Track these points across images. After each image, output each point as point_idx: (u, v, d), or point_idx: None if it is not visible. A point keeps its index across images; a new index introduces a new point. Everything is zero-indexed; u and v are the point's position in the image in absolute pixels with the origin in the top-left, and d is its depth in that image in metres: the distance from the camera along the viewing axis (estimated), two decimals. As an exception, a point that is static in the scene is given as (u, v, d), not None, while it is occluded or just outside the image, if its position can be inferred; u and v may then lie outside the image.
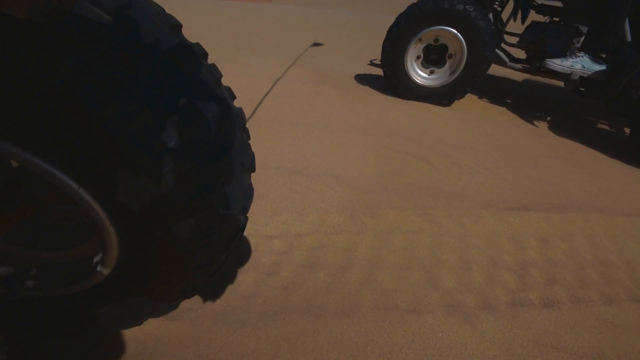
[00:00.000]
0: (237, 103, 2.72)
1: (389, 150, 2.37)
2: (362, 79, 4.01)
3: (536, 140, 2.92)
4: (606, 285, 1.44)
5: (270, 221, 1.57)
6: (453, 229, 1.65)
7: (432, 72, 3.22)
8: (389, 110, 3.11)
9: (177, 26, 0.63)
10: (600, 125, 3.45)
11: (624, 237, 1.75)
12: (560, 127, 3.23)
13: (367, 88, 3.68)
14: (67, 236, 0.86)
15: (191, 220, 0.63)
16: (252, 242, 1.44)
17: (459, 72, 3.05)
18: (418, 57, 3.20)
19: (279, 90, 3.24)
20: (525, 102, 3.84)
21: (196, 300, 1.16)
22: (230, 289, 1.22)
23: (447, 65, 3.15)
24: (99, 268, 0.70)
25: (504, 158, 2.48)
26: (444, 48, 3.11)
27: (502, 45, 3.39)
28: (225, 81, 3.02)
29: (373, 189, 1.90)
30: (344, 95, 3.35)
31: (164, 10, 0.65)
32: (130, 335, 1.03)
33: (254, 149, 2.13)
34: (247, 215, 0.92)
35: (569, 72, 2.86)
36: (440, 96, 3.20)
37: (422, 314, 1.21)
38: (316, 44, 5.34)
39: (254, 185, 1.79)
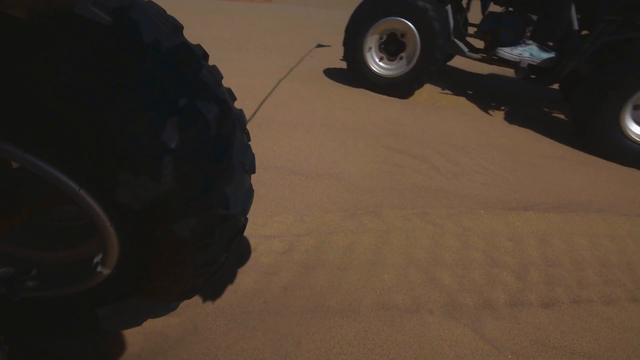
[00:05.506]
0: (237, 104, 2.72)
1: (388, 150, 2.37)
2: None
3: (535, 140, 2.92)
4: (605, 285, 1.44)
5: (270, 221, 1.57)
6: (453, 229, 1.65)
7: (390, 63, 3.33)
8: (389, 110, 3.11)
9: (178, 28, 0.63)
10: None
11: (624, 237, 1.76)
12: (560, 126, 3.23)
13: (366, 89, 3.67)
14: (68, 237, 0.86)
15: (191, 221, 0.63)
16: (252, 242, 1.44)
17: (414, 62, 3.15)
18: (377, 49, 3.33)
19: (279, 90, 3.24)
20: (524, 102, 3.84)
21: (197, 299, 1.17)
22: (230, 288, 1.22)
23: (404, 55, 3.25)
24: (99, 268, 0.70)
25: (503, 158, 2.48)
26: (400, 39, 3.22)
27: (463, 35, 3.49)
28: (225, 82, 3.01)
29: (373, 189, 1.90)
30: (343, 95, 3.35)
31: (165, 11, 0.65)
32: (131, 334, 1.03)
33: (254, 149, 2.13)
34: (247, 215, 0.92)
35: (518, 60, 2.99)
36: (399, 86, 3.29)
37: (421, 313, 1.22)
38: (320, 46, 5.35)
39: (254, 186, 1.79)
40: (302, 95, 3.18)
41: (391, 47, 3.27)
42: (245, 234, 1.49)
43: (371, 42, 3.28)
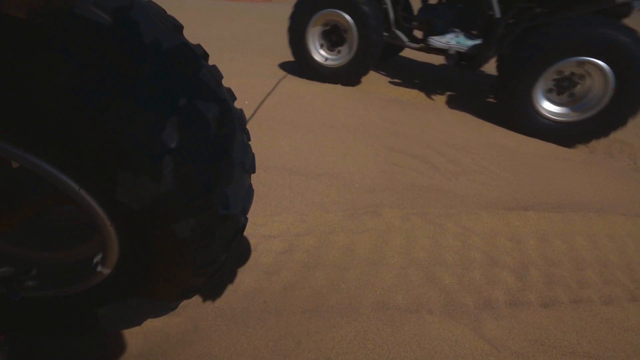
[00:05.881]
0: (237, 104, 2.72)
1: (388, 149, 2.37)
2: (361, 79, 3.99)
3: (535, 139, 2.92)
4: (605, 285, 1.44)
5: (270, 221, 1.57)
6: (453, 229, 1.65)
7: (332, 53, 3.53)
8: (388, 110, 3.11)
9: (178, 28, 0.63)
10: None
11: (624, 237, 1.76)
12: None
13: (366, 88, 3.68)
14: (68, 236, 0.86)
15: (191, 221, 0.63)
16: (252, 242, 1.44)
17: (353, 53, 3.33)
18: (320, 38, 3.51)
19: (279, 90, 3.24)
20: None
21: (197, 299, 1.17)
22: (230, 288, 1.22)
23: (345, 46, 3.43)
24: (99, 268, 0.70)
25: (503, 158, 2.48)
26: (340, 30, 3.40)
27: (404, 26, 3.65)
28: (225, 82, 3.02)
29: (372, 189, 1.90)
30: (343, 95, 3.36)
31: (165, 11, 0.65)
32: (131, 334, 1.03)
33: (254, 149, 2.13)
34: (247, 215, 0.92)
35: (447, 48, 3.22)
36: (343, 75, 3.47)
37: (421, 313, 1.22)
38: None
39: (254, 186, 1.79)
40: (302, 95, 3.18)
41: (334, 38, 3.47)
42: (245, 234, 1.49)
43: (314, 32, 3.48)
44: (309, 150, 2.22)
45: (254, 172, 0.80)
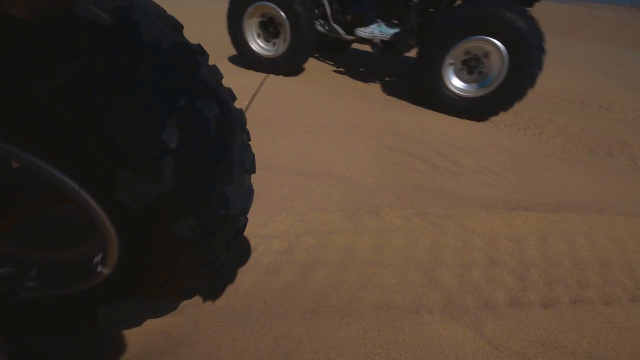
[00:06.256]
0: (237, 104, 2.72)
1: (388, 149, 2.37)
2: (360, 79, 4.00)
3: (535, 139, 2.92)
4: (605, 285, 1.44)
5: (270, 221, 1.57)
6: (453, 229, 1.65)
7: (268, 44, 3.68)
8: (388, 110, 3.11)
9: (178, 27, 0.63)
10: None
11: (624, 237, 1.76)
12: (563, 125, 3.23)
13: (366, 88, 3.68)
14: (68, 236, 0.86)
15: (191, 221, 0.63)
16: (252, 242, 1.44)
17: (287, 45, 3.48)
18: (257, 29, 3.65)
19: (279, 90, 3.24)
20: (520, 101, 3.83)
21: (197, 299, 1.17)
22: (231, 288, 1.22)
23: (281, 36, 3.57)
24: (99, 268, 0.70)
25: (503, 158, 2.48)
26: (276, 22, 3.52)
27: (340, 20, 3.85)
28: (225, 82, 3.02)
29: (373, 189, 1.90)
30: (343, 95, 3.35)
31: (165, 11, 0.65)
32: (131, 334, 1.03)
33: (254, 149, 2.12)
34: (247, 215, 0.92)
35: (371, 37, 3.47)
36: (281, 65, 3.61)
37: (421, 313, 1.22)
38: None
39: (254, 186, 1.79)
40: (302, 95, 3.18)
41: (271, 29, 3.61)
42: (245, 234, 1.49)
43: (251, 23, 3.61)
44: (309, 150, 2.22)
45: (254, 172, 0.80)
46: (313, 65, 4.30)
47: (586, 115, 3.70)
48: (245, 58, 3.71)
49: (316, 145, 2.30)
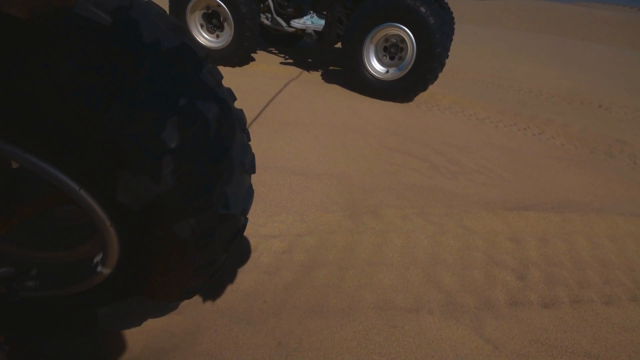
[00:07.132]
0: (237, 104, 2.72)
1: (388, 149, 2.37)
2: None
3: (535, 139, 2.93)
4: (605, 285, 1.44)
5: (270, 221, 1.57)
6: (453, 229, 1.65)
7: (213, 36, 3.77)
8: (388, 110, 3.11)
9: (178, 28, 0.63)
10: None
11: (624, 237, 1.76)
12: (563, 125, 3.23)
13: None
14: (68, 236, 0.86)
15: (191, 221, 0.63)
16: (252, 242, 1.44)
17: (231, 38, 3.60)
18: (201, 21, 3.73)
19: (279, 90, 3.24)
20: (520, 101, 3.83)
21: (198, 299, 1.17)
22: (231, 288, 1.22)
23: (225, 29, 3.66)
24: (99, 268, 0.70)
25: (503, 158, 2.48)
26: (218, 14, 3.60)
27: (282, 13, 4.06)
28: (225, 81, 3.02)
29: (373, 189, 1.90)
30: (343, 95, 3.36)
31: (165, 11, 0.65)
32: (132, 334, 1.03)
33: (254, 149, 2.12)
34: (247, 215, 0.92)
35: (304, 27, 3.68)
36: (227, 57, 3.72)
37: (421, 313, 1.22)
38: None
39: (254, 186, 1.79)
40: (302, 95, 3.18)
41: (215, 21, 3.69)
42: (245, 234, 1.49)
43: (195, 16, 3.68)
44: (309, 150, 2.22)
45: (254, 172, 0.80)
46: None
47: (586, 115, 3.70)
48: None
49: (316, 145, 2.30)
